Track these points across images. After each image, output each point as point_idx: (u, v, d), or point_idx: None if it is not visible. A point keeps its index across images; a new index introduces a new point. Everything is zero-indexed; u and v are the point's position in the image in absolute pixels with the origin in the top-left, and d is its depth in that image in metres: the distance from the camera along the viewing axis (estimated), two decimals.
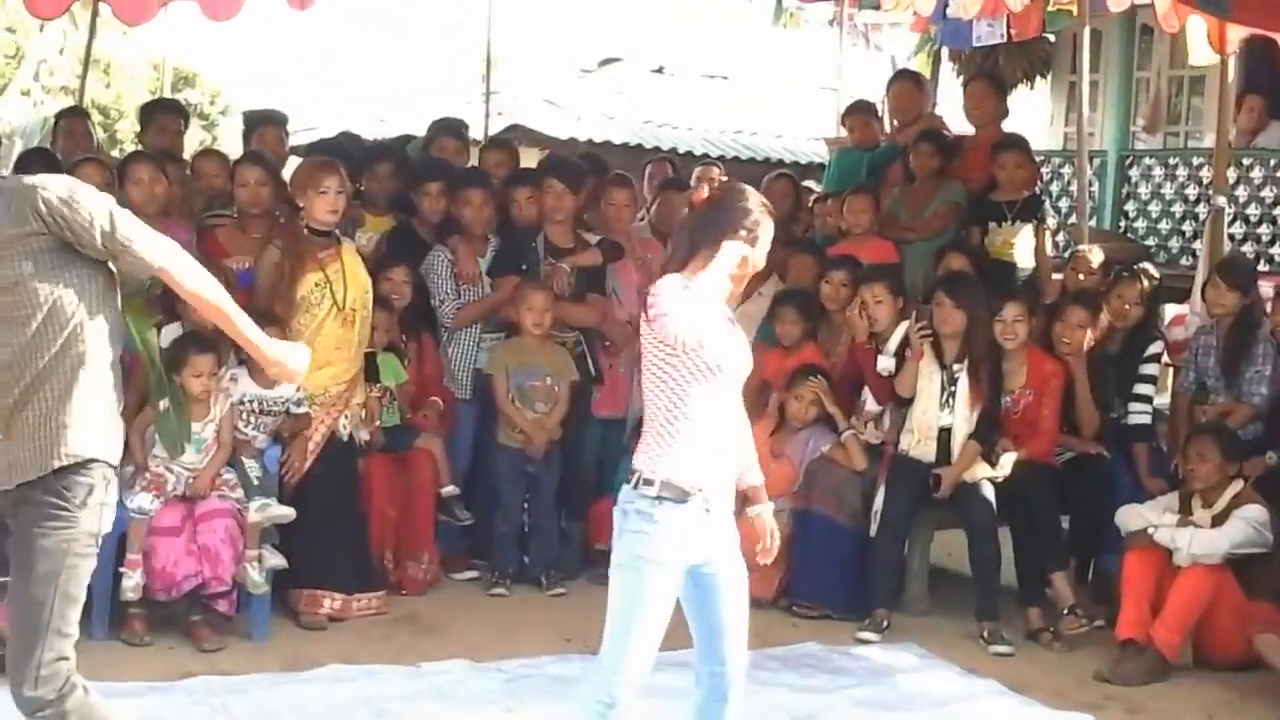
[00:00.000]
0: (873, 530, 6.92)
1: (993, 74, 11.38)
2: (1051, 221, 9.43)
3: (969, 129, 9.03)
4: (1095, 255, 7.92)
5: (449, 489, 7.23)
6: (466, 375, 7.53)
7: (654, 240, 8.44)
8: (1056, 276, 8.24)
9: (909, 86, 9.42)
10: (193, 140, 18.45)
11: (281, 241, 6.69)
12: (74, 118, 9.29)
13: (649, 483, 4.09)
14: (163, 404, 6.17)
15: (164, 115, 8.62)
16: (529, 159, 10.03)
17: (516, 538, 7.30)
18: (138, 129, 9.66)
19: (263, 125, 8.55)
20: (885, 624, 6.69)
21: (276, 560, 6.32)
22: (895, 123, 9.35)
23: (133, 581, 6.06)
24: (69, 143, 8.60)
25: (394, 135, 10.61)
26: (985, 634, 6.62)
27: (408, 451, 7.14)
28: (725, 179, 10.88)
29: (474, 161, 8.72)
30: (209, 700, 5.43)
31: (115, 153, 15.23)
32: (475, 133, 10.23)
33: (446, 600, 6.87)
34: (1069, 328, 7.22)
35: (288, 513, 6.33)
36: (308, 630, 6.42)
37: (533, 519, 7.34)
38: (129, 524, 6.09)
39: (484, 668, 5.86)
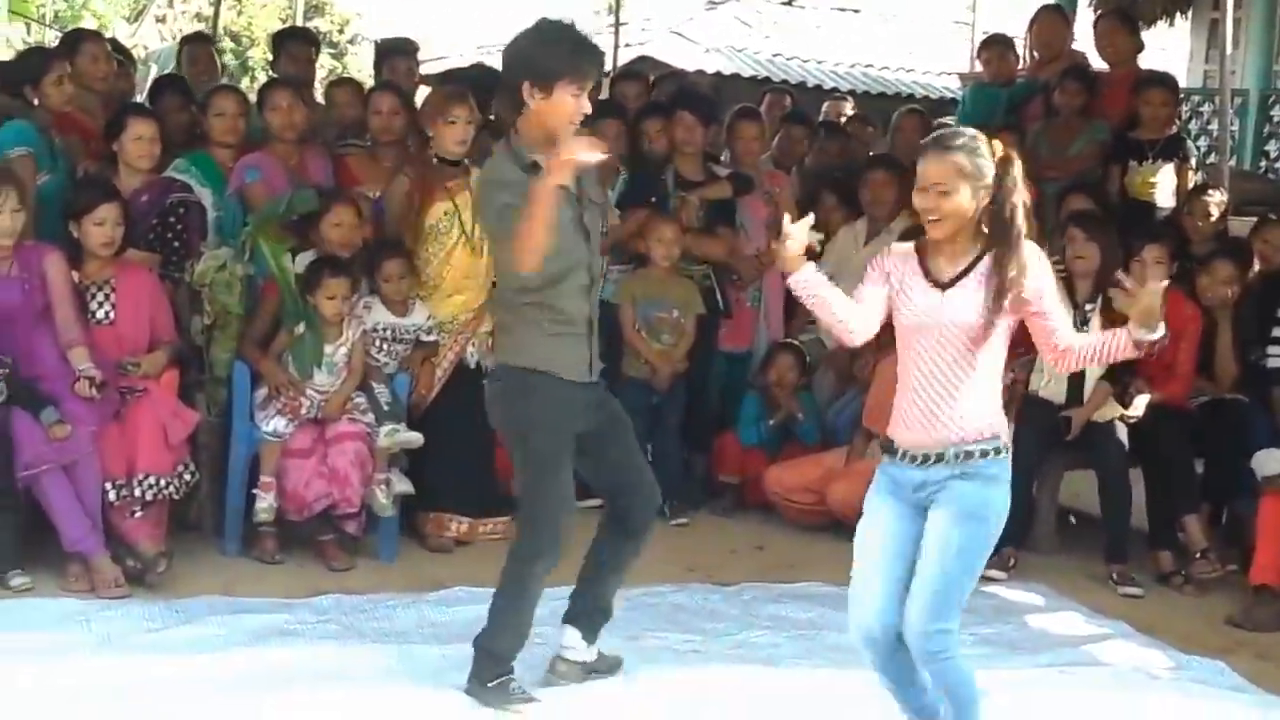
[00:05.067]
0: None
1: (1124, 10, 11.08)
2: (1193, 162, 9.16)
3: (1105, 66, 8.83)
4: (1215, 200, 7.63)
5: None
6: None
7: (779, 173, 8.37)
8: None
9: (1055, 20, 9.21)
10: (321, 69, 18.53)
11: (411, 170, 6.73)
12: (197, 44, 9.40)
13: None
14: (298, 328, 6.29)
15: (296, 44, 8.67)
16: None
17: None
18: (270, 57, 9.75)
19: (394, 56, 8.53)
20: (1012, 562, 6.61)
21: (404, 486, 6.39)
22: (1036, 56, 9.15)
23: (266, 503, 6.17)
24: (193, 69, 8.70)
25: None
26: (1114, 576, 6.54)
27: None
28: (854, 113, 10.81)
29: (605, 93, 8.70)
30: (338, 618, 5.52)
31: (246, 80, 15.44)
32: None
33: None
34: (1216, 283, 7.03)
35: (416, 438, 6.40)
36: (434, 552, 6.51)
37: (656, 450, 7.32)
38: (263, 446, 6.21)
39: None
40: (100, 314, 6.15)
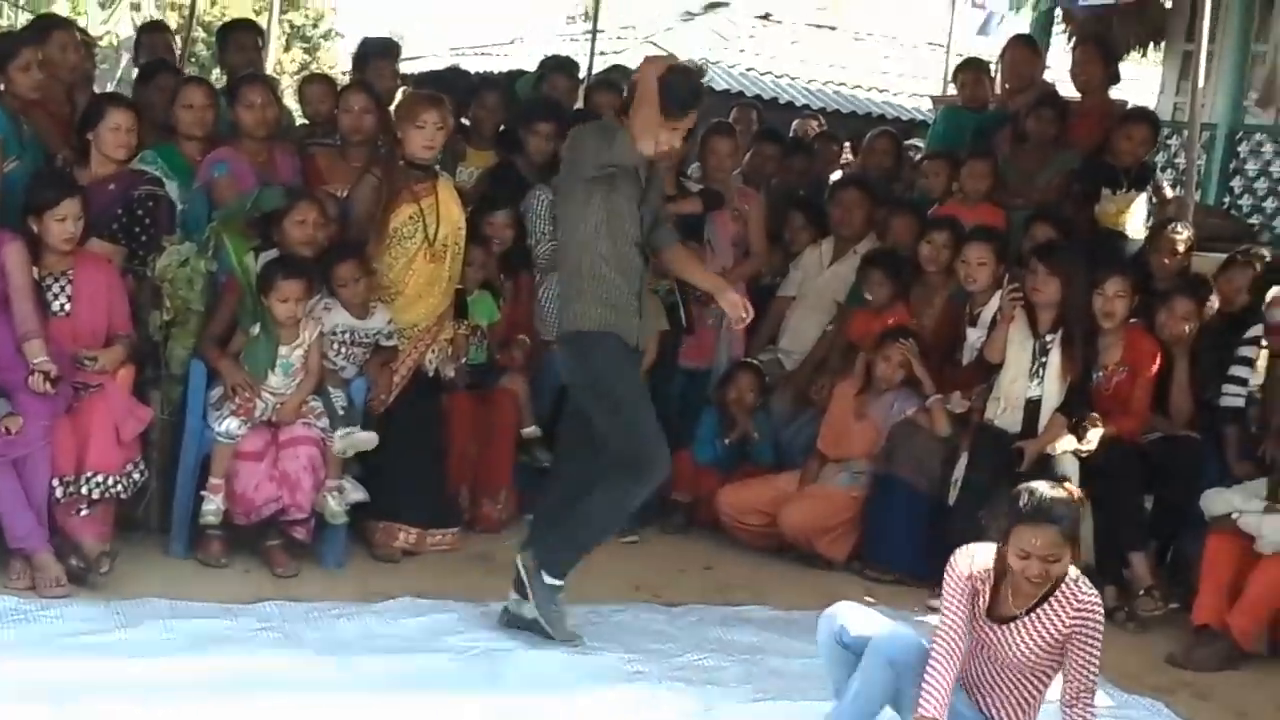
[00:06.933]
0: (951, 498, 6.83)
1: (1102, 39, 11.13)
2: (1168, 192, 9.15)
3: (1075, 95, 8.86)
4: (1183, 237, 7.57)
5: (530, 430, 7.23)
6: (556, 318, 7.49)
7: (749, 191, 8.37)
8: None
9: (1026, 52, 9.24)
10: (294, 63, 18.45)
11: (378, 171, 6.70)
12: (155, 33, 9.34)
13: None
14: (254, 329, 6.25)
15: (241, 34, 8.63)
16: None
17: None
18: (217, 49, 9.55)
19: (378, 58, 8.40)
20: None
21: (358, 494, 6.35)
22: (1007, 86, 9.18)
23: (213, 505, 6.13)
24: (151, 57, 8.60)
25: (501, 70, 10.60)
26: None
27: (491, 390, 7.16)
28: (823, 130, 10.83)
29: (580, 102, 8.68)
30: (281, 626, 5.49)
31: (216, 71, 15.32)
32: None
33: (520, 540, 6.90)
34: (1174, 318, 7.05)
35: (370, 438, 6.35)
36: (381, 562, 6.47)
37: None
38: (215, 448, 6.17)
39: None
40: (56, 305, 6.04)
